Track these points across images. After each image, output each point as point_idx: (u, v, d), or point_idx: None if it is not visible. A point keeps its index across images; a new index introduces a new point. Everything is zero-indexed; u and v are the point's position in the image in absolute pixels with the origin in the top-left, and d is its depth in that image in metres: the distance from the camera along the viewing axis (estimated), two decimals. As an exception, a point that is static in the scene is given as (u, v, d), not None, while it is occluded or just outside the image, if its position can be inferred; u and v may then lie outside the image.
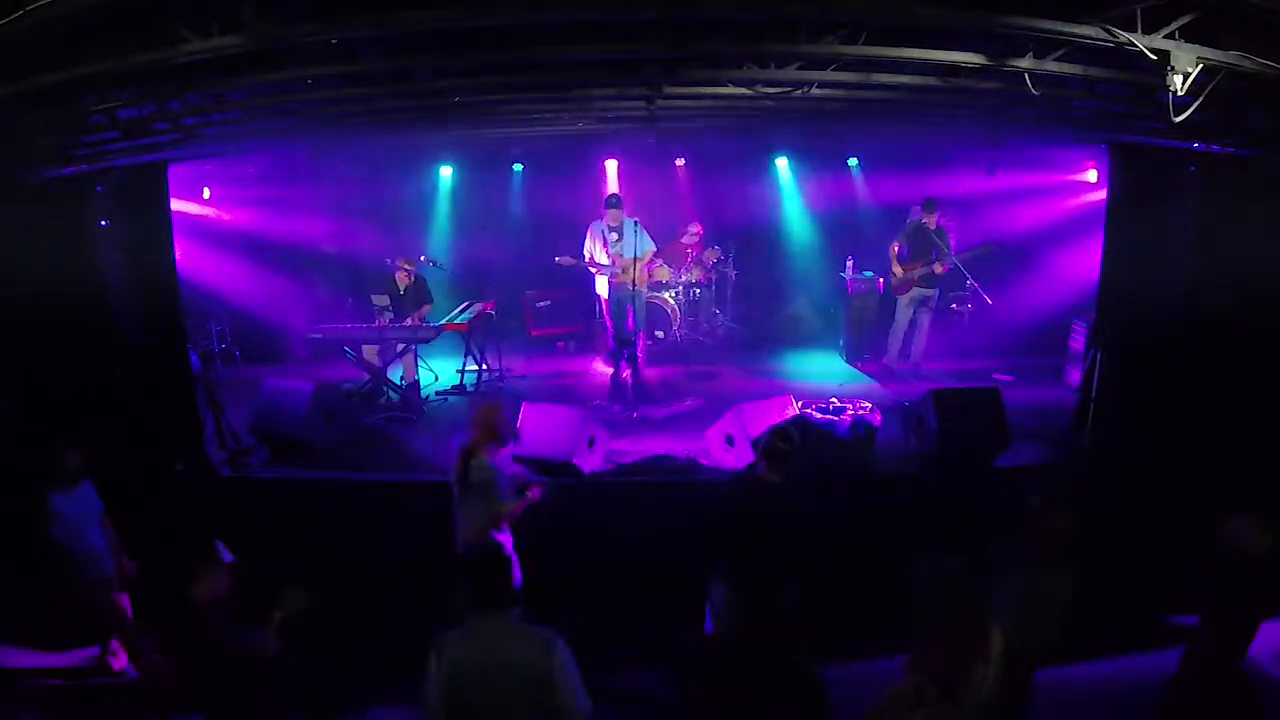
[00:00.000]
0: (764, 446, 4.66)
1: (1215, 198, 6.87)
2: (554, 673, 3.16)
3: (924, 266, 9.24)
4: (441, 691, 3.16)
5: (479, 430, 4.92)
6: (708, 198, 11.82)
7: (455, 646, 3.24)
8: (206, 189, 10.42)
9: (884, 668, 3.19)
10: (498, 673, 3.16)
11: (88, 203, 6.80)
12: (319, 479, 7.06)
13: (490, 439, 4.93)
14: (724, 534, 4.69)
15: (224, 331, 10.80)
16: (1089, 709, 4.91)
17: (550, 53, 4.82)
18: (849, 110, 6.36)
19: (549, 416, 6.91)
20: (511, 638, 3.26)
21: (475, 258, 11.25)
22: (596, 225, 9.37)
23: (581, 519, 6.42)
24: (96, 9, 3.69)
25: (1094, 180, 10.11)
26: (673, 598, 5.12)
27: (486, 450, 4.90)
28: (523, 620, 3.38)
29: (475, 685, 3.16)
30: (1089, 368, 7.61)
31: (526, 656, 3.19)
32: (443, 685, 3.16)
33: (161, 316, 7.28)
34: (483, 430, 4.92)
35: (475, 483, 4.82)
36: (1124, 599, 5.23)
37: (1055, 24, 4.16)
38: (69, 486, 5.33)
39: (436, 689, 3.17)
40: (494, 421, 4.95)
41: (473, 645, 3.23)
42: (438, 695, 3.16)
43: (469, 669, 3.18)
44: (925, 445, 7.01)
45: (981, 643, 2.91)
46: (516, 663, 3.17)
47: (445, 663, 3.19)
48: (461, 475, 4.85)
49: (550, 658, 3.18)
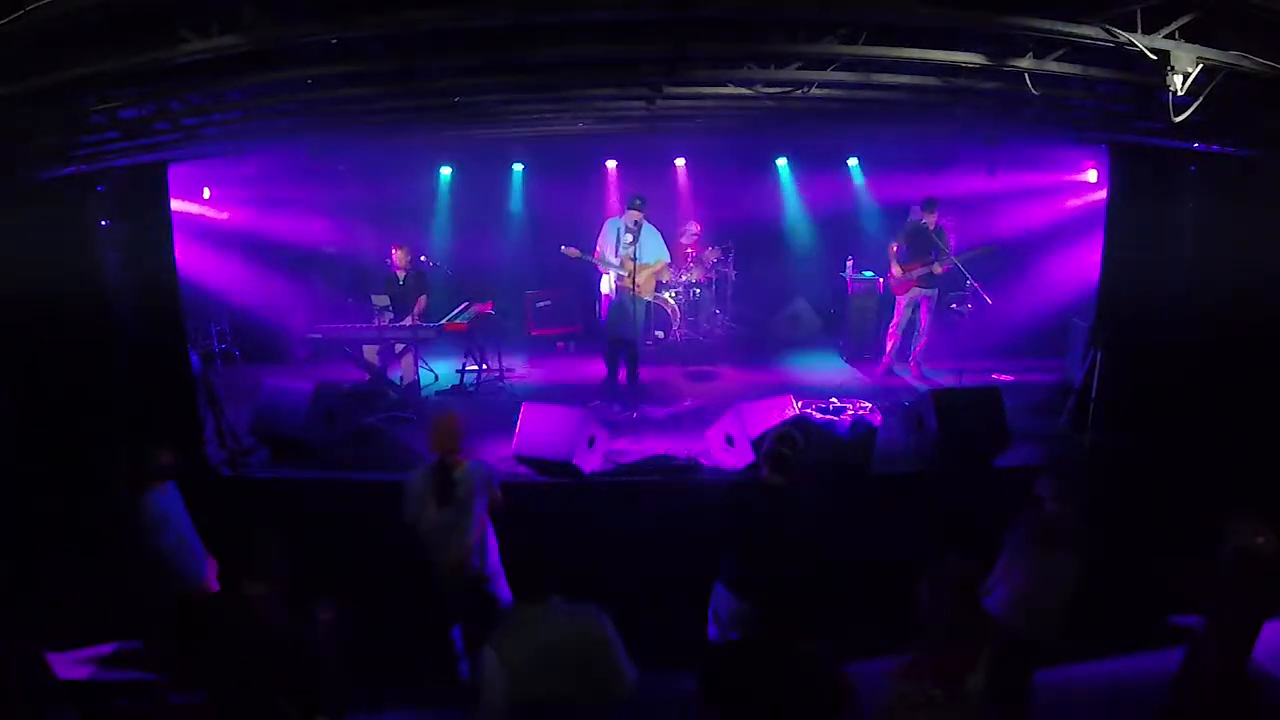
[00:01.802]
0: (768, 451, 4.64)
1: (1215, 198, 6.87)
2: (605, 643, 3.41)
3: (923, 267, 9.23)
4: (505, 684, 3.27)
5: (448, 443, 4.83)
6: (708, 198, 11.83)
7: (509, 638, 3.40)
8: (206, 189, 10.42)
9: (887, 667, 3.18)
10: (553, 653, 3.35)
11: (88, 203, 6.80)
12: (319, 479, 7.06)
13: (458, 448, 4.86)
14: (727, 538, 4.68)
15: (224, 331, 10.80)
16: (1089, 709, 4.90)
17: (550, 53, 4.82)
18: (849, 110, 6.36)
19: (549, 416, 6.91)
20: (559, 619, 3.46)
21: (475, 258, 11.24)
22: (613, 222, 9.03)
23: (581, 519, 6.42)
24: (96, 9, 3.68)
25: (1094, 180, 10.11)
26: (673, 598, 5.12)
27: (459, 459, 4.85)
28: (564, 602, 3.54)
29: (534, 669, 3.30)
30: (1089, 368, 7.61)
31: (578, 632, 3.41)
32: (506, 677, 3.28)
33: (161, 316, 7.27)
34: (450, 442, 4.83)
35: (461, 496, 4.78)
36: (1124, 599, 5.22)
37: (1055, 24, 4.16)
38: (159, 486, 5.03)
39: (501, 682, 3.28)
40: (458, 430, 4.89)
41: (524, 633, 3.40)
42: (503, 686, 3.27)
43: (527, 655, 3.33)
44: (925, 445, 7.01)
45: (985, 644, 2.91)
46: (569, 640, 3.39)
47: (504, 655, 3.32)
48: (444, 494, 4.76)
49: (602, 629, 3.43)
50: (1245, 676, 4.01)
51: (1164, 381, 7.15)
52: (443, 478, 4.79)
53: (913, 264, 9.30)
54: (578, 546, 6.14)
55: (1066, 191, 10.54)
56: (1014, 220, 10.51)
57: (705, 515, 4.84)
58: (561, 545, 5.25)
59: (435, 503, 4.79)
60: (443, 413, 5.07)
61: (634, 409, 8.37)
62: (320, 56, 4.70)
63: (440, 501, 4.78)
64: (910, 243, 9.32)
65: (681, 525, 5.57)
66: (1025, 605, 4.33)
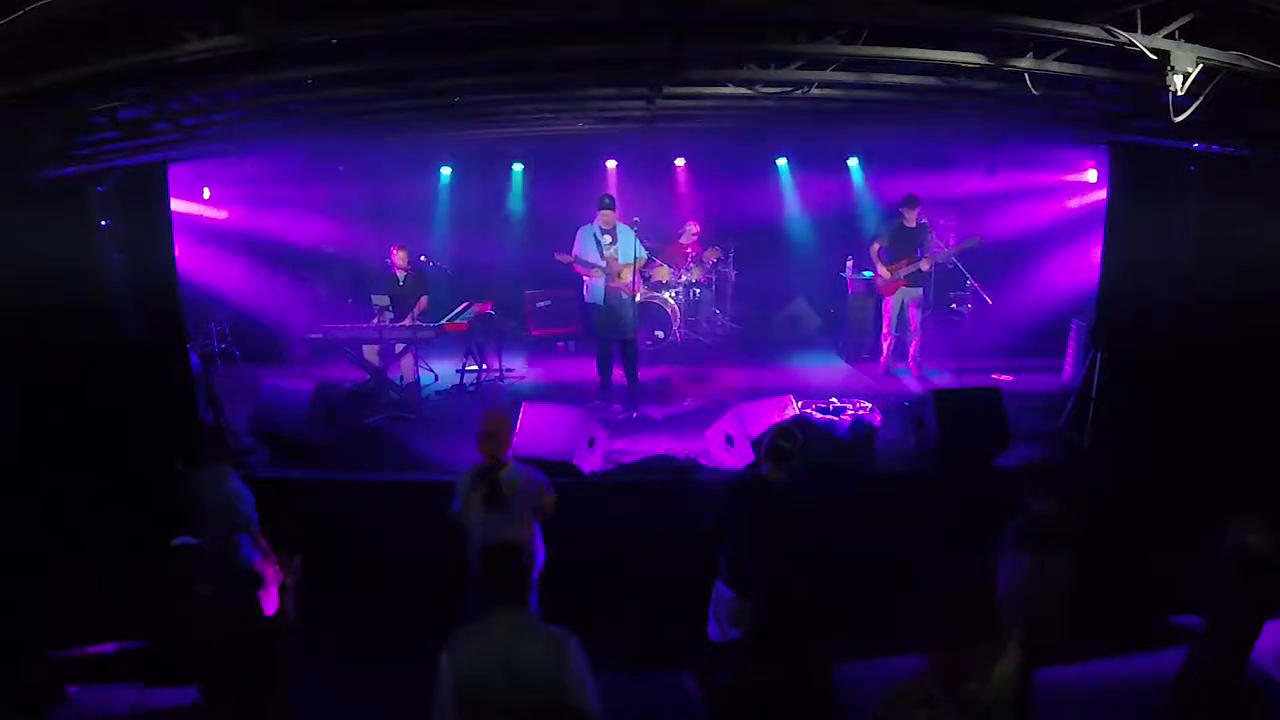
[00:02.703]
0: (767, 445, 4.65)
1: (1215, 198, 6.87)
2: (566, 672, 3.12)
3: (909, 265, 9.17)
4: (452, 687, 3.13)
5: (496, 443, 4.70)
6: (708, 198, 11.83)
7: (467, 643, 3.22)
8: (206, 189, 10.43)
9: (887, 667, 3.19)
10: (508, 670, 3.12)
11: (88, 203, 6.80)
12: (319, 479, 7.06)
13: (506, 448, 4.77)
14: (727, 534, 4.68)
15: (224, 331, 10.80)
16: (1089, 709, 4.90)
17: (550, 53, 4.82)
18: (849, 110, 6.36)
19: (549, 416, 6.91)
20: (524, 635, 3.22)
21: (475, 258, 11.24)
22: (587, 229, 8.64)
23: (581, 519, 6.42)
24: (96, 9, 3.68)
25: (1094, 180, 10.11)
26: (673, 598, 5.12)
27: (505, 459, 4.74)
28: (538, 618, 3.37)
29: (486, 682, 3.12)
30: (1089, 368, 7.61)
31: (539, 655, 3.15)
32: (454, 681, 3.13)
33: (161, 316, 7.28)
34: (499, 442, 4.72)
35: (508, 495, 4.63)
36: (1124, 599, 5.22)
37: (1055, 24, 4.16)
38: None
39: (448, 684, 3.14)
40: (508, 428, 4.80)
41: (485, 642, 3.20)
42: (449, 691, 3.13)
43: (480, 665, 3.15)
44: (925, 445, 7.01)
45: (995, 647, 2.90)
46: (528, 660, 3.14)
47: (456, 659, 3.17)
48: (491, 496, 4.62)
49: (563, 657, 3.14)
50: (1245, 676, 4.01)
51: (1164, 381, 7.14)
52: (489, 479, 4.66)
53: (898, 263, 9.25)
54: (577, 546, 6.15)
55: (1066, 191, 10.53)
56: (1014, 220, 10.52)
57: (706, 515, 4.83)
58: (561, 545, 5.28)
59: (481, 503, 4.66)
60: (492, 412, 4.91)
61: (634, 409, 8.37)
62: (320, 56, 4.69)
63: (486, 502, 4.65)
64: (892, 242, 9.26)
65: (681, 525, 5.56)
66: (1024, 605, 4.33)
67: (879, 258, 9.34)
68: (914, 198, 9.17)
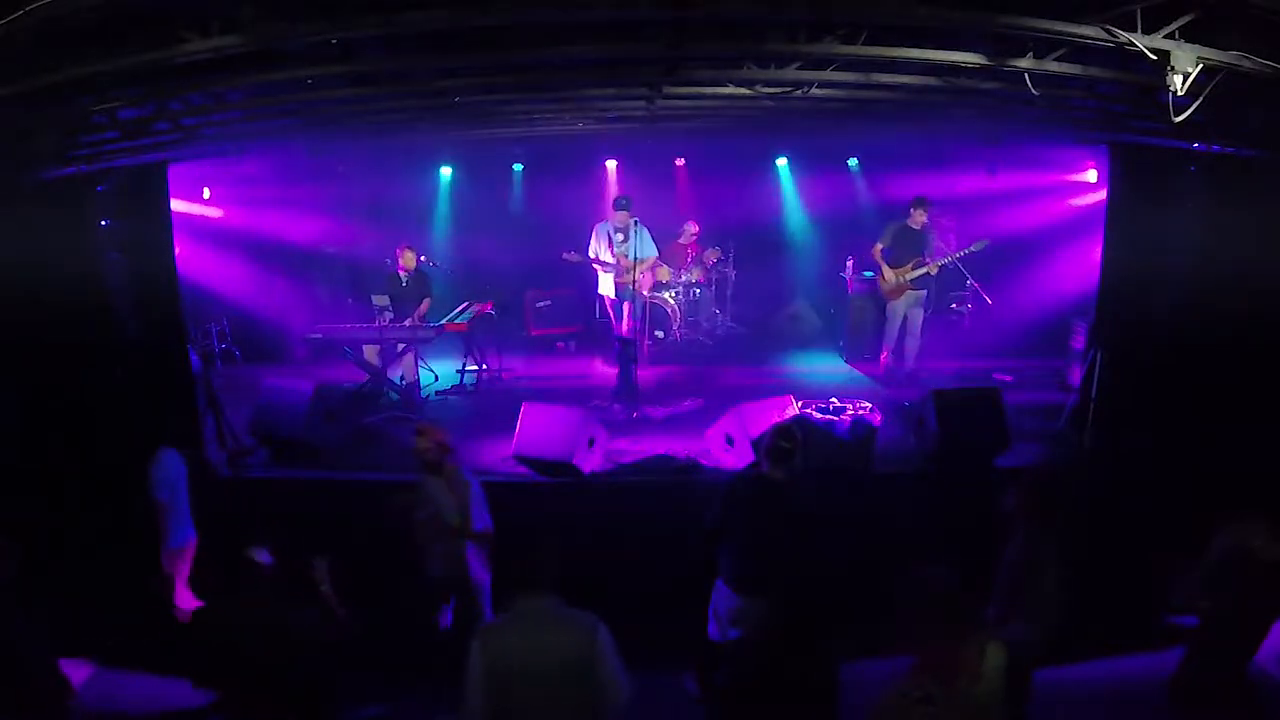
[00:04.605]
0: (768, 444, 4.65)
1: (1215, 198, 6.87)
2: (595, 656, 3.24)
3: (915, 268, 9.06)
4: (485, 678, 3.19)
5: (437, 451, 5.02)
6: (708, 198, 11.82)
7: (496, 634, 3.31)
8: (206, 189, 10.42)
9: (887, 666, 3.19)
10: (539, 657, 3.21)
11: (88, 203, 6.80)
12: (319, 479, 7.06)
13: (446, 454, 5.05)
14: (727, 534, 4.69)
15: (224, 331, 10.79)
16: (1089, 709, 4.90)
17: (550, 53, 4.82)
18: (849, 110, 6.36)
19: (549, 416, 6.91)
20: (552, 622, 3.32)
21: (475, 258, 11.23)
22: (602, 226, 9.46)
23: (581, 519, 6.42)
24: (96, 9, 3.68)
25: (1094, 180, 10.10)
26: (673, 598, 5.12)
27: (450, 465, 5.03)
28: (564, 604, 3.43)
29: (518, 671, 3.20)
30: (1089, 368, 7.60)
31: (568, 640, 3.26)
32: (484, 669, 3.19)
33: (161, 316, 7.28)
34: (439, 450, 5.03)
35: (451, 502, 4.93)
36: (1124, 599, 5.22)
37: (1055, 24, 4.15)
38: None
39: (480, 676, 3.19)
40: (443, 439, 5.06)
41: (514, 632, 3.29)
42: (481, 682, 3.19)
43: (510, 653, 3.22)
44: (925, 445, 7.01)
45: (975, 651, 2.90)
46: (558, 646, 3.24)
47: (486, 647, 3.23)
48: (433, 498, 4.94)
49: (592, 641, 3.25)
50: (1245, 676, 4.01)
51: (1164, 381, 7.14)
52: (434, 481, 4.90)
53: (904, 266, 9.16)
54: (578, 546, 6.15)
55: (1066, 191, 10.52)
56: (1014, 220, 10.49)
57: (705, 512, 4.83)
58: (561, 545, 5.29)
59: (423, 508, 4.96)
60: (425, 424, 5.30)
61: (634, 409, 8.38)
62: (320, 56, 4.70)
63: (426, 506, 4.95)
64: (895, 243, 9.13)
65: (681, 525, 5.56)
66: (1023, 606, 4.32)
67: (883, 259, 9.25)
68: (924, 199, 8.99)
